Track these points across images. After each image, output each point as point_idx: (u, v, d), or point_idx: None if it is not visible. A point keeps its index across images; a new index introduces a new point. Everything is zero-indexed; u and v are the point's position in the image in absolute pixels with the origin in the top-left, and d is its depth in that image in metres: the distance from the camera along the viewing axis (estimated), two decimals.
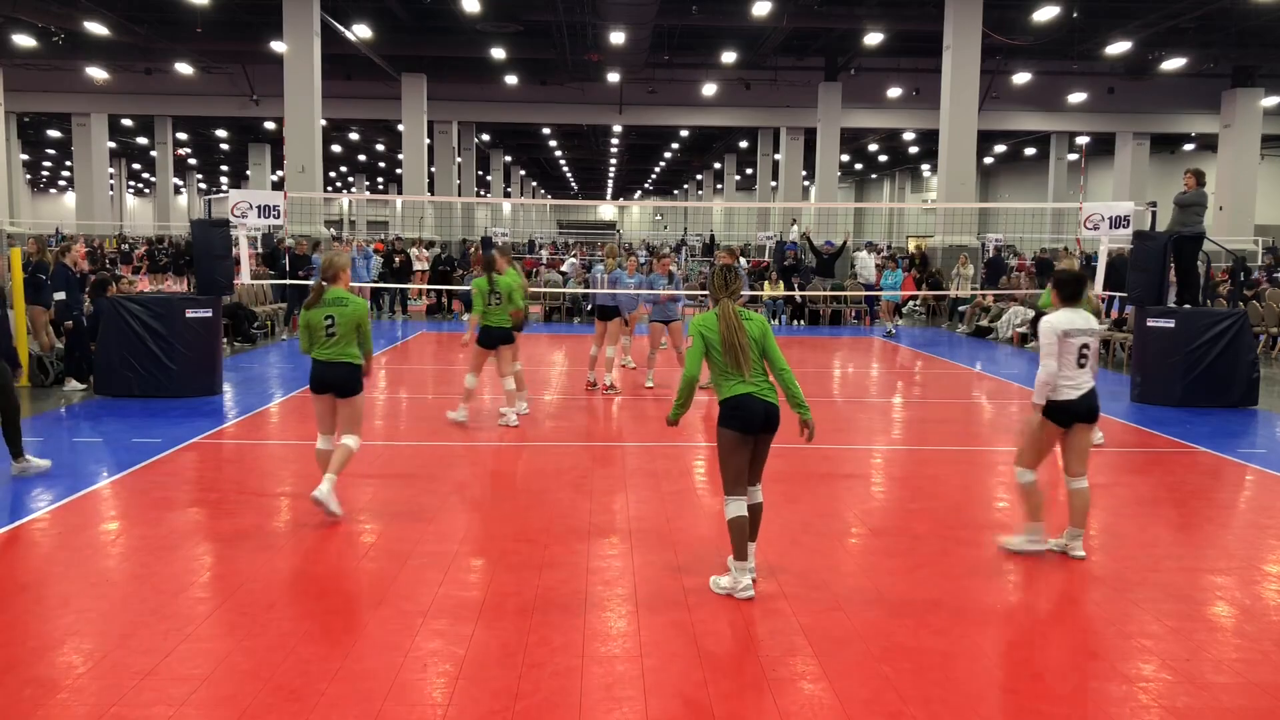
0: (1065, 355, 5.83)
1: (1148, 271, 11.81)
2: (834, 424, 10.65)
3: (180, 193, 60.02)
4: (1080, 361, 5.87)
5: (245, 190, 14.97)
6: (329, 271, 6.75)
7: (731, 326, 5.14)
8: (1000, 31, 23.30)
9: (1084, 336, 5.87)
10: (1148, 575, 5.74)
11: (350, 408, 6.63)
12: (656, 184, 75.51)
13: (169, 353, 11.04)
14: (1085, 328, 5.89)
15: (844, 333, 20.75)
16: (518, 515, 6.75)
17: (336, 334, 6.53)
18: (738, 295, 5.32)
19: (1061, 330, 5.84)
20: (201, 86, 33.21)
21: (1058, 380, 5.82)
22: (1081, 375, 5.86)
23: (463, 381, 10.02)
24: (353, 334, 6.60)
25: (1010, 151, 48.67)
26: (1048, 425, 5.93)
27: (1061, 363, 5.83)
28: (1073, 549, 6.00)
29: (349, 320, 6.57)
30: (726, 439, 5.18)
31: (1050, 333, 5.85)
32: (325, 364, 6.58)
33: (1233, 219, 29.59)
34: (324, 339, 6.56)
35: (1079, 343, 5.85)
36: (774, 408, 5.22)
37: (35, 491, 7.16)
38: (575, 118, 36.87)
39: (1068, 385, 5.83)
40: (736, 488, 5.21)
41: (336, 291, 6.64)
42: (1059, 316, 5.93)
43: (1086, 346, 5.88)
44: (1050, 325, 5.88)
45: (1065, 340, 5.82)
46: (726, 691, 4.20)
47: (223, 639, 4.65)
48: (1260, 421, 10.79)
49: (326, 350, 6.56)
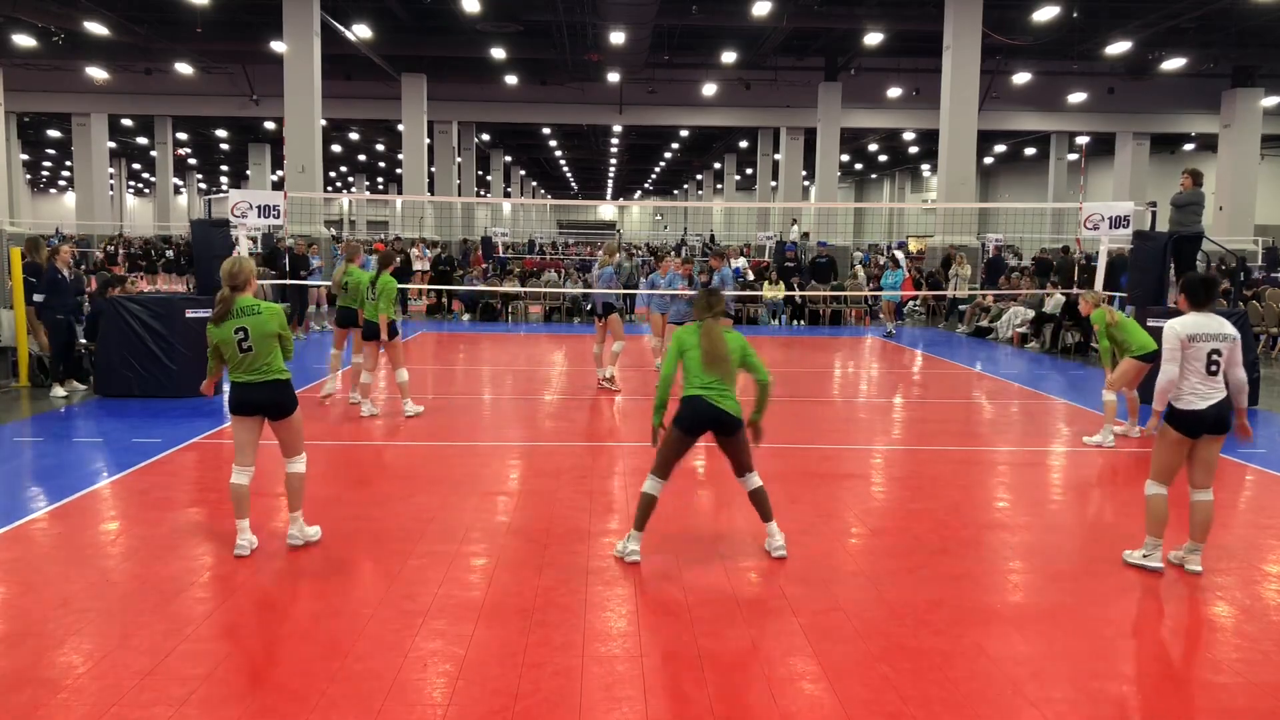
0: (1193, 362, 5.56)
1: (1147, 271, 11.81)
2: (834, 424, 10.65)
3: (180, 193, 59.99)
4: (1211, 369, 5.57)
5: (245, 190, 14.96)
6: (236, 278, 5.73)
7: (714, 340, 5.61)
8: (1000, 31, 23.30)
9: (1214, 342, 5.57)
10: (1148, 575, 5.74)
11: (288, 430, 5.84)
12: (656, 184, 75.50)
13: (169, 353, 11.04)
14: (1216, 333, 5.60)
15: (844, 333, 20.75)
16: (518, 515, 6.75)
17: (253, 349, 5.69)
18: (720, 315, 5.75)
19: (1186, 335, 5.57)
20: (201, 86, 33.19)
21: (1185, 388, 5.56)
22: (1212, 384, 5.57)
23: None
24: (273, 345, 5.75)
25: (1010, 151, 48.66)
26: (1172, 434, 5.64)
27: (1188, 370, 5.56)
28: (1189, 562, 5.78)
29: (264, 330, 5.70)
30: (670, 432, 5.70)
31: (1174, 337, 5.57)
32: (248, 385, 5.72)
33: (1232, 219, 29.59)
34: (238, 357, 5.69)
35: (1208, 349, 5.56)
36: (724, 412, 5.60)
37: (35, 491, 7.16)
38: (575, 118, 36.86)
39: (1194, 393, 5.56)
40: (660, 471, 5.73)
41: (245, 300, 5.74)
42: (1184, 320, 5.66)
43: (1218, 353, 5.57)
44: (1173, 330, 5.60)
45: (1190, 345, 5.56)
46: (726, 691, 4.20)
47: (223, 639, 4.65)
48: (1260, 421, 10.79)
49: (245, 371, 5.71)
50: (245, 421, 5.78)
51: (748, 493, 5.85)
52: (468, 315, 21.77)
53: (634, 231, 70.21)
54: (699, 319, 5.77)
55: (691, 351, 5.68)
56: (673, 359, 5.75)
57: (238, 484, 5.77)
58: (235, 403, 5.77)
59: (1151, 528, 5.76)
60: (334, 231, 36.57)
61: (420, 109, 32.38)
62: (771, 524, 5.89)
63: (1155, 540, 5.77)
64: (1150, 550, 5.78)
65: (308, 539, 5.97)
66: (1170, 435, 5.65)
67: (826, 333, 20.66)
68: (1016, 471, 8.54)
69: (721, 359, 5.62)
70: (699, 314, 5.77)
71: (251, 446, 5.81)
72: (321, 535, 6.08)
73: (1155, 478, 5.76)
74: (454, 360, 15.34)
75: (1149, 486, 5.79)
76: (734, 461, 5.81)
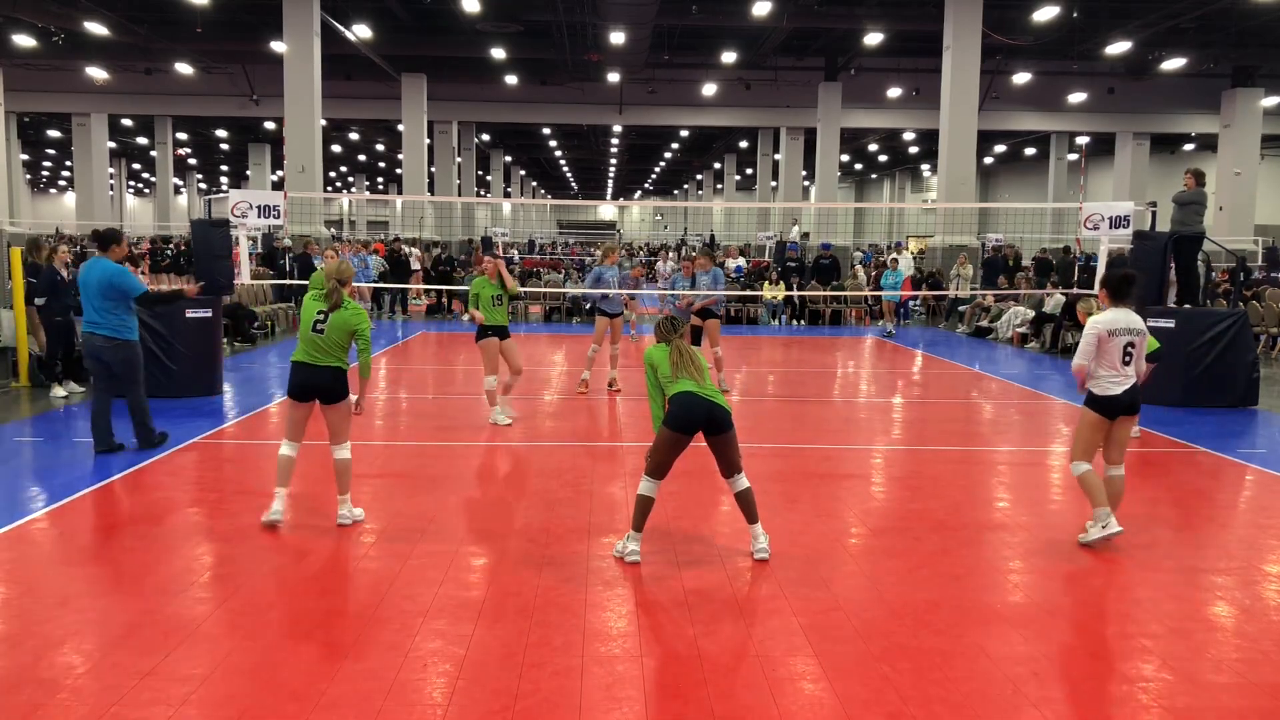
0: (1111, 354, 6.11)
1: (1148, 272, 11.80)
2: (834, 424, 10.65)
3: (180, 193, 59.97)
4: (1125, 359, 6.14)
5: (245, 190, 14.96)
6: (344, 274, 6.34)
7: (683, 354, 5.78)
8: (1000, 31, 23.30)
9: (1129, 336, 6.14)
10: (1148, 575, 5.74)
11: (337, 414, 6.32)
12: (656, 184, 75.48)
13: (169, 353, 11.04)
14: (1131, 327, 6.16)
15: (844, 333, 20.75)
16: (518, 515, 6.75)
17: (325, 334, 6.21)
18: (685, 335, 6.04)
19: (1106, 331, 6.12)
20: (201, 86, 33.19)
21: (1103, 377, 6.13)
22: (1126, 372, 6.15)
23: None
24: (345, 339, 6.24)
25: (1010, 151, 48.65)
26: (1092, 417, 6.20)
27: (1106, 361, 6.13)
28: (1106, 527, 6.23)
29: (342, 323, 6.21)
30: (664, 434, 5.70)
31: (1094, 333, 6.13)
32: (308, 367, 6.24)
33: (1232, 219, 29.59)
34: (309, 335, 6.23)
35: (1124, 341, 6.13)
36: (717, 407, 5.65)
37: (35, 491, 7.16)
38: (575, 118, 36.86)
39: (1112, 380, 6.13)
40: (655, 473, 5.76)
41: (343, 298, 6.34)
42: (1105, 317, 6.20)
43: (1132, 345, 6.16)
44: (1095, 326, 6.16)
45: (1109, 340, 6.11)
46: (726, 691, 4.20)
47: (223, 639, 4.65)
48: (1260, 421, 10.79)
49: (311, 350, 6.22)
50: (300, 406, 6.33)
51: (735, 494, 5.84)
52: (468, 315, 21.76)
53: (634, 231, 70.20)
54: (667, 340, 5.86)
55: (663, 366, 5.78)
56: (651, 379, 5.87)
57: (285, 455, 6.33)
58: (293, 386, 6.28)
59: (1094, 500, 6.20)
60: (334, 231, 36.56)
61: (420, 109, 32.39)
62: (756, 526, 5.88)
63: (1102, 510, 6.17)
64: (1102, 520, 6.16)
65: (355, 518, 6.42)
66: (1090, 418, 6.23)
67: (827, 333, 20.66)
68: (1016, 471, 8.54)
69: (699, 368, 5.75)
70: (665, 336, 5.88)
71: (301, 426, 6.36)
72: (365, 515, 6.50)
73: (1078, 457, 6.25)
74: (454, 360, 15.34)
75: (1075, 467, 6.24)
76: (723, 461, 5.79)
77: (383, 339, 17.55)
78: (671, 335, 5.91)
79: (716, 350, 11.68)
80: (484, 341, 9.80)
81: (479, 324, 9.76)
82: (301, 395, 6.29)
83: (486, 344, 9.79)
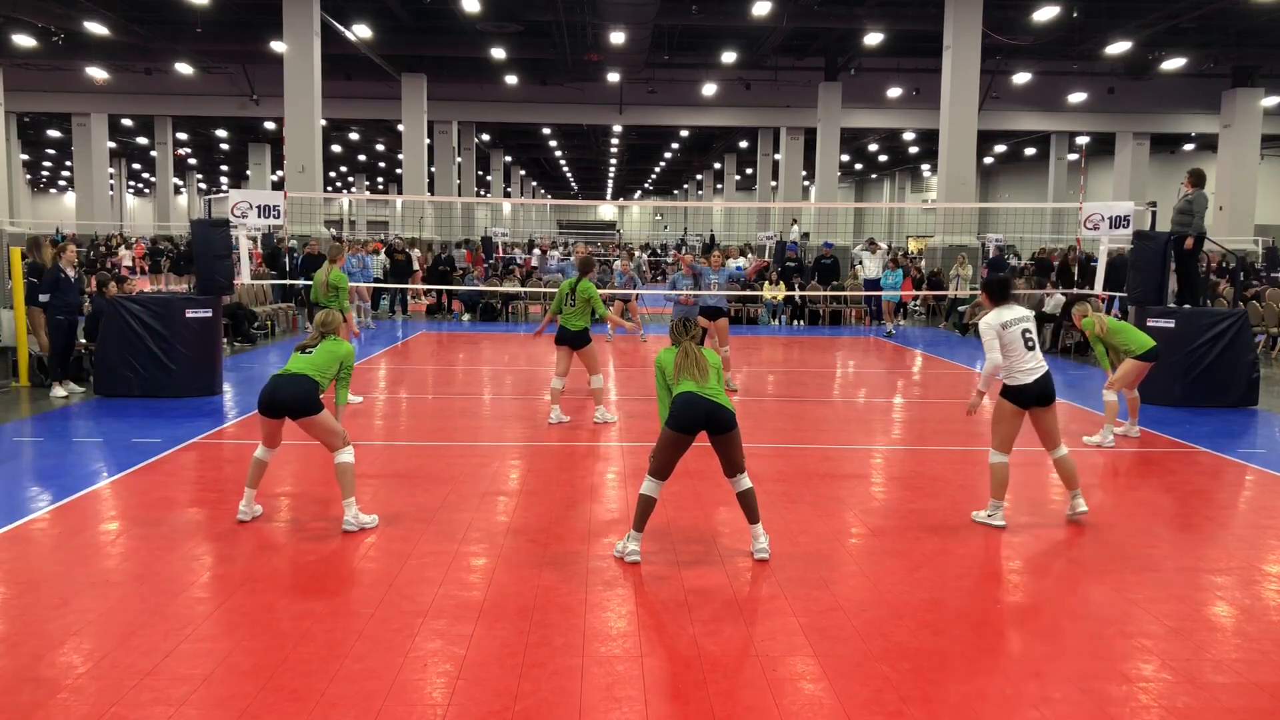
0: (1013, 344, 6.42)
1: (1147, 271, 11.82)
2: (834, 424, 10.65)
3: (180, 193, 59.99)
4: (1027, 345, 6.45)
5: (245, 190, 14.94)
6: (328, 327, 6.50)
7: (691, 356, 5.80)
8: (1000, 31, 23.30)
9: (1022, 323, 6.48)
10: (1148, 575, 5.74)
11: (316, 427, 6.22)
12: (656, 184, 75.48)
13: (169, 353, 11.03)
14: (1020, 315, 6.51)
15: (844, 333, 20.75)
16: (518, 515, 6.75)
17: (314, 354, 6.33)
18: (697, 338, 6.04)
19: (1000, 324, 6.46)
20: (201, 86, 33.20)
21: (1012, 367, 6.43)
22: (1033, 359, 6.45)
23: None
24: (330, 362, 6.35)
25: (1010, 151, 48.66)
26: (1007, 408, 6.52)
27: (1011, 352, 6.43)
28: (1076, 508, 6.66)
29: (330, 348, 6.38)
30: (666, 434, 5.73)
31: (990, 329, 6.47)
32: (280, 377, 6.25)
33: (1232, 219, 29.59)
34: (297, 356, 6.35)
35: (1019, 329, 6.45)
36: (720, 407, 5.66)
37: (35, 491, 7.16)
38: (575, 118, 36.86)
39: (1021, 371, 6.43)
40: (658, 473, 5.77)
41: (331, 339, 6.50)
42: (994, 314, 6.54)
43: (1029, 331, 6.49)
44: (988, 323, 6.51)
45: (1005, 331, 6.43)
46: (726, 691, 4.20)
47: (223, 639, 4.65)
48: (1260, 421, 10.79)
49: (292, 366, 6.28)
50: (268, 421, 6.30)
51: (737, 494, 5.84)
52: (468, 315, 21.77)
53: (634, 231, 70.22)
54: (677, 341, 5.92)
55: (669, 368, 5.81)
56: (660, 381, 5.90)
57: (257, 458, 6.39)
58: (261, 400, 6.24)
59: (995, 491, 6.57)
60: (334, 231, 36.57)
61: (420, 109, 32.38)
62: (757, 526, 5.88)
63: (997, 502, 6.58)
64: (993, 510, 6.59)
65: (363, 525, 6.30)
66: (1006, 409, 6.53)
67: (826, 333, 20.66)
68: (1017, 471, 8.50)
69: (703, 370, 5.76)
70: (677, 337, 5.94)
71: (274, 434, 6.37)
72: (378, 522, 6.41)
73: (997, 448, 6.54)
74: (454, 360, 15.34)
75: (992, 456, 6.56)
76: (726, 461, 5.79)
77: (383, 339, 17.55)
78: (682, 337, 5.94)
79: (725, 350, 11.71)
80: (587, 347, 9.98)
81: (611, 325, 9.93)
82: (269, 411, 6.21)
83: (587, 349, 9.99)
